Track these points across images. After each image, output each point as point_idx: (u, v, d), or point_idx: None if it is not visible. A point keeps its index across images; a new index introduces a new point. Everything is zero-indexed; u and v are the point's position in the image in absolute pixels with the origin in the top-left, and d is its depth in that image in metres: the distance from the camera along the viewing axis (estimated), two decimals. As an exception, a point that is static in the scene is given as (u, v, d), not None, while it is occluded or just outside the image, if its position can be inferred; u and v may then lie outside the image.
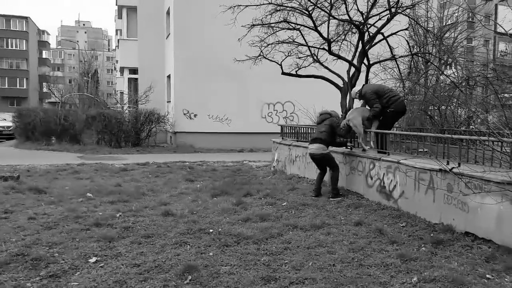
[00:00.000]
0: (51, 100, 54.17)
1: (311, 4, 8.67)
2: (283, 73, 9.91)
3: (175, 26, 18.08)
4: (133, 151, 16.09)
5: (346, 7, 8.77)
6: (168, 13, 19.72)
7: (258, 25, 9.33)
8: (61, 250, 4.45)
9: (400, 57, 10.18)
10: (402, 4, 8.65)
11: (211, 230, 5.18)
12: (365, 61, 9.11)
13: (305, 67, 9.90)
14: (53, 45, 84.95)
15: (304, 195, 7.29)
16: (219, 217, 5.87)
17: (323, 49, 9.39)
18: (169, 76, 19.79)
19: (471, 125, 9.61)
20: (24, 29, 59.67)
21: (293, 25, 9.24)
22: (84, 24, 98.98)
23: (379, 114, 7.22)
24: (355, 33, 9.48)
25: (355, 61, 9.08)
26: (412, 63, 10.98)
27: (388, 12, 8.62)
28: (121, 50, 23.52)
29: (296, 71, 9.86)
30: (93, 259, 4.21)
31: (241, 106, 18.19)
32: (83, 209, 6.24)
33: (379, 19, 9.06)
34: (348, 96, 8.89)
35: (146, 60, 20.65)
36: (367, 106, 7.48)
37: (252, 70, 11.04)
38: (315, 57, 9.59)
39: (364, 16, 8.76)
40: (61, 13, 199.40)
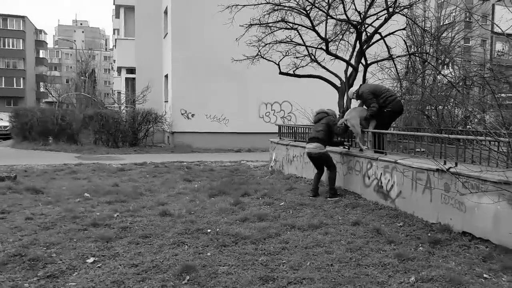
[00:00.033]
0: (48, 99, 54.12)
1: (309, 4, 8.69)
2: (281, 72, 9.92)
3: (173, 25, 18.05)
4: (130, 151, 16.05)
5: (344, 7, 8.79)
6: (165, 12, 19.69)
7: (256, 24, 9.34)
8: (58, 251, 4.44)
9: (397, 56, 10.21)
10: (399, 4, 8.68)
11: (209, 230, 5.18)
12: (363, 61, 9.13)
13: (302, 67, 9.92)
14: (50, 44, 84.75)
15: (301, 195, 7.29)
16: (217, 217, 5.86)
17: (321, 48, 9.41)
18: (166, 76, 19.77)
19: (468, 125, 9.64)
20: (21, 29, 59.41)
21: (291, 24, 9.26)
22: (81, 24, 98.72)
23: (376, 114, 7.23)
24: (352, 33, 9.50)
25: (352, 61, 9.10)
26: (410, 63, 11.00)
27: (386, 12, 8.64)
28: (118, 49, 23.48)
29: (293, 71, 9.88)
30: (90, 260, 4.21)
31: (239, 106, 18.18)
32: (81, 209, 6.23)
33: (377, 18, 9.09)
34: (345, 96, 8.90)
35: (143, 60, 20.60)
36: (364, 106, 7.50)
37: (249, 70, 11.05)
38: (312, 56, 9.61)
39: (362, 16, 8.78)
40: (60, 13, 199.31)
